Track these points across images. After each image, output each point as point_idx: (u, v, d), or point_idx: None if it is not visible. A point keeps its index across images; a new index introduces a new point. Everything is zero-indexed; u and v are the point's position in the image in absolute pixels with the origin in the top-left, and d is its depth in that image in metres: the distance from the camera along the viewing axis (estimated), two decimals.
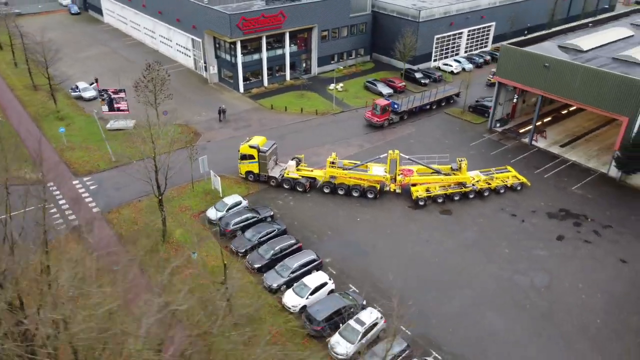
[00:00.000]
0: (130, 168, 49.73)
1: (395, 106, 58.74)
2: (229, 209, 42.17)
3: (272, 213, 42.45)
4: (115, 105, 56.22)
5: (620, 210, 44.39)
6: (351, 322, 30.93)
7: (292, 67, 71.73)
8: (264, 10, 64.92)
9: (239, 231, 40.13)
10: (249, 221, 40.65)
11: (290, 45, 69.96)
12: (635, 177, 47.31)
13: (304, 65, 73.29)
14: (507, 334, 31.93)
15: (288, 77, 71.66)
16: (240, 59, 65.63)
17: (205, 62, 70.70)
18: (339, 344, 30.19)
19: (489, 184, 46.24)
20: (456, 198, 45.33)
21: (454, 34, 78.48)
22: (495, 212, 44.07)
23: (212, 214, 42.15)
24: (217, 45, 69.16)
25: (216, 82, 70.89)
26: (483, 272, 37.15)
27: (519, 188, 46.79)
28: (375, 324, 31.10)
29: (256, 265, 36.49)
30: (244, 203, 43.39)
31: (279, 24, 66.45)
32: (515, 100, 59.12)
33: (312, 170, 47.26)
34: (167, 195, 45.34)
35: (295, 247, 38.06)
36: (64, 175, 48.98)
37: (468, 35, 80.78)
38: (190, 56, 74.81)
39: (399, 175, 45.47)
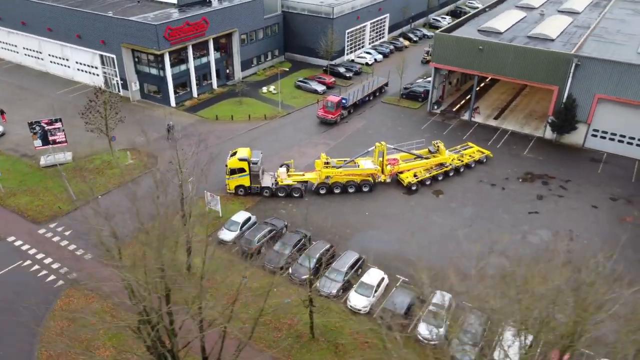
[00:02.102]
0: (104, 202, 44.64)
1: (344, 101, 60.37)
2: (241, 227, 40.32)
3: (286, 223, 41.48)
4: (51, 138, 49.29)
5: (569, 165, 51.63)
6: (432, 308, 32.22)
7: (217, 74, 69.21)
8: (187, 18, 61.58)
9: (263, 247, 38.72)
10: (270, 235, 39.36)
11: (214, 52, 67.38)
12: (567, 137, 55.17)
13: (227, 71, 71.12)
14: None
15: (215, 85, 69.01)
16: (169, 71, 61.52)
17: (122, 79, 64.78)
18: (427, 329, 31.35)
19: (461, 160, 50.41)
20: (440, 178, 48.69)
21: (360, 28, 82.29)
22: (477, 185, 48.33)
23: (226, 235, 39.86)
24: (137, 60, 63.85)
25: (139, 99, 65.46)
26: (500, 239, 40.82)
27: (484, 160, 51.75)
28: (450, 305, 32.84)
29: (303, 277, 35.68)
30: (253, 218, 41.72)
31: (202, 30, 63.58)
32: (443, 83, 64.65)
33: (303, 174, 46.95)
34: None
35: (331, 250, 37.96)
36: (21, 226, 41.96)
37: (370, 28, 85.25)
38: (98, 74, 67.78)
39: (387, 165, 47.37)
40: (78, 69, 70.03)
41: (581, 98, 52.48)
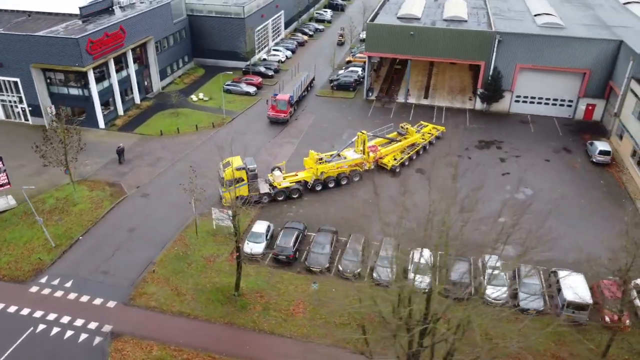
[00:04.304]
0: (86, 243, 39.15)
1: (291, 99, 60.05)
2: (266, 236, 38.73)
3: (305, 225, 40.68)
4: None
5: (506, 129, 58.19)
6: (489, 271, 34.80)
7: (138, 88, 63.56)
8: (105, 28, 55.46)
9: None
10: (299, 238, 38.46)
11: (134, 64, 61.78)
12: (495, 105, 61.99)
13: (145, 83, 65.65)
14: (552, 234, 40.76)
15: (138, 100, 63.32)
16: (95, 89, 55.00)
17: (30, 105, 56.10)
18: (493, 293, 33.94)
19: (424, 139, 53.91)
20: (414, 157, 51.58)
21: (264, 26, 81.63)
22: (446, 158, 52.09)
23: (254, 248, 37.86)
24: (49, 81, 55.80)
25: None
26: (493, 201, 44.80)
27: (441, 135, 55.96)
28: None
29: (357, 271, 35.83)
30: (272, 227, 40.19)
31: (121, 40, 57.90)
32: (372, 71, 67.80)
33: (296, 174, 46.19)
34: (176, 252, 38.30)
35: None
36: (3, 289, 34.85)
37: (271, 25, 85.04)
38: None
39: (369, 153, 48.79)
40: None
41: (505, 69, 59.43)
